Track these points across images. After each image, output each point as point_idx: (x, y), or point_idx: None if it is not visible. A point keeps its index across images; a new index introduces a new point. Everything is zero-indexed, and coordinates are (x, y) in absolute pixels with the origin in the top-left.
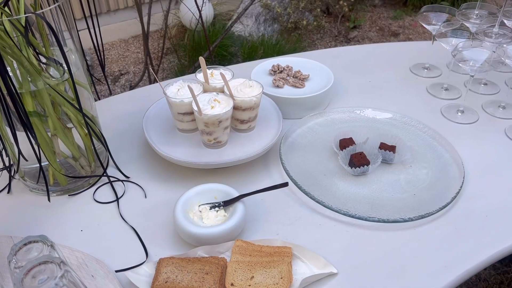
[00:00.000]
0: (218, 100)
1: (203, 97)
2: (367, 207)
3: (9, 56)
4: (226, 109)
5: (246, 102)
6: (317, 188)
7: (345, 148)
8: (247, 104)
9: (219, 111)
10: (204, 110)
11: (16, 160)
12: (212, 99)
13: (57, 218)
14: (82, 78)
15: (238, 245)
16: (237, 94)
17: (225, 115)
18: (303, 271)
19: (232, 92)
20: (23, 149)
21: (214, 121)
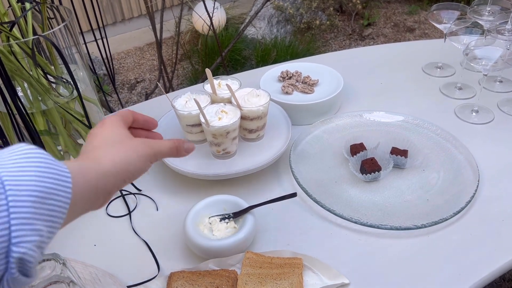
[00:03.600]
0: (225, 111)
1: (210, 109)
2: (379, 214)
3: (19, 77)
4: (233, 120)
5: (253, 111)
6: (328, 196)
7: (356, 154)
8: (255, 114)
9: (226, 122)
10: (211, 122)
11: None
12: (219, 110)
13: (71, 232)
14: (90, 93)
15: (249, 257)
16: (244, 104)
17: (233, 126)
18: (314, 282)
19: (239, 102)
20: None
21: (222, 132)
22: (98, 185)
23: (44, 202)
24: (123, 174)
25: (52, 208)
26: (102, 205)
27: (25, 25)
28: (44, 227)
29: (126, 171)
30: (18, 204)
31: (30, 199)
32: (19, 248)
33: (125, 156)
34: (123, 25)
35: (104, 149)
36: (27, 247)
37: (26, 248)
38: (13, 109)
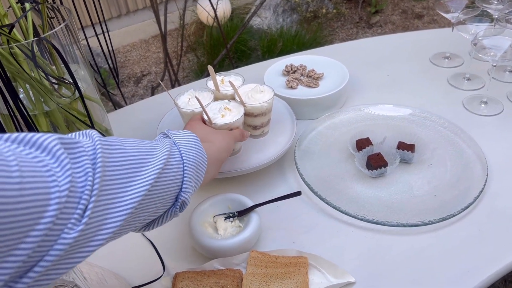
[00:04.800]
0: (228, 108)
1: (214, 106)
2: (385, 211)
3: (20, 79)
4: (237, 117)
5: (257, 108)
6: (333, 193)
7: (362, 149)
8: (259, 110)
9: (230, 119)
10: (214, 120)
11: None
12: (223, 107)
13: None
14: (92, 92)
15: (254, 256)
16: (248, 100)
17: (236, 123)
18: (320, 281)
19: (242, 98)
20: None
21: (225, 129)
22: (218, 157)
23: (196, 170)
24: (227, 148)
25: (199, 174)
26: (216, 173)
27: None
28: (195, 185)
29: (229, 148)
30: (187, 169)
31: (192, 167)
32: (184, 194)
33: (227, 138)
34: (128, 18)
35: (212, 135)
36: (187, 196)
37: (187, 195)
38: (15, 111)
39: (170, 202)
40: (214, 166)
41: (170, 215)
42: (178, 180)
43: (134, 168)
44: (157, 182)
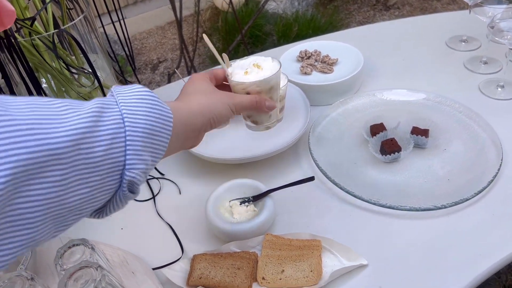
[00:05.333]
0: (259, 65)
1: (248, 60)
2: (398, 195)
3: (42, 70)
4: (261, 78)
5: None
6: (347, 178)
7: (376, 135)
8: None
9: (248, 78)
10: (232, 74)
11: None
12: (252, 63)
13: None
14: (111, 81)
15: (268, 240)
16: None
17: (254, 86)
18: (333, 263)
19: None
20: None
21: (241, 91)
22: (187, 123)
23: (151, 137)
24: (208, 115)
25: (156, 142)
26: (193, 144)
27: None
28: (149, 158)
29: (210, 112)
30: (133, 138)
31: (141, 134)
32: (131, 172)
33: (211, 102)
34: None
35: (193, 95)
36: (136, 173)
37: (135, 173)
38: None
39: (111, 183)
40: (186, 132)
41: (120, 199)
42: (117, 154)
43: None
44: (70, 160)
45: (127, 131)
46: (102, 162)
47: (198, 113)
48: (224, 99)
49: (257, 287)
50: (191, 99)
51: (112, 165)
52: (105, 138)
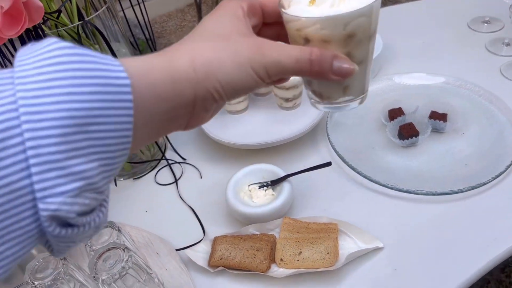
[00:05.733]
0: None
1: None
2: (415, 180)
3: None
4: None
5: (289, 80)
6: (364, 163)
7: (394, 119)
8: (291, 83)
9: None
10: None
11: None
12: None
13: (125, 200)
14: None
15: (286, 223)
16: None
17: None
18: (349, 246)
19: None
20: None
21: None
22: (168, 92)
23: (85, 129)
24: (207, 82)
25: (101, 134)
26: (189, 125)
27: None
28: (89, 164)
29: (213, 78)
30: (40, 143)
31: (58, 132)
32: (47, 204)
33: (214, 57)
34: None
35: (189, 43)
36: (59, 201)
37: (57, 202)
38: None
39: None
40: (165, 108)
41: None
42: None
43: None
44: None
45: (25, 132)
46: None
47: (185, 79)
48: (243, 54)
49: (275, 268)
50: (180, 50)
51: (7, 197)
52: None
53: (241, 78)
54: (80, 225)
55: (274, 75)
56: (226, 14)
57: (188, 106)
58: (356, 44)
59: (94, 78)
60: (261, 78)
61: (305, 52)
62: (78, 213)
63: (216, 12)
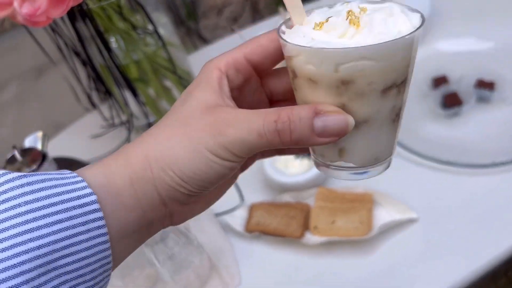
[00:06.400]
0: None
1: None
2: (456, 151)
3: (113, 32)
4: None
5: None
6: (404, 132)
7: (437, 87)
8: None
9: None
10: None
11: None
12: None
13: None
14: (173, 37)
15: (321, 192)
16: None
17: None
18: (383, 216)
19: None
20: (135, 109)
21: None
22: (131, 198)
23: (53, 267)
24: (166, 177)
25: (75, 266)
26: (175, 221)
27: None
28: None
29: (169, 171)
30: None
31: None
32: None
33: (167, 148)
34: None
35: (147, 135)
36: None
37: None
38: (109, 63)
39: None
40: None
41: None
42: None
43: None
44: None
45: None
46: None
47: (146, 175)
48: (199, 135)
49: (309, 235)
50: (139, 144)
51: None
52: None
53: (198, 165)
54: None
55: (245, 153)
56: (200, 82)
57: (158, 207)
58: (355, 96)
59: (54, 206)
60: (227, 159)
61: (269, 121)
62: None
63: (193, 82)
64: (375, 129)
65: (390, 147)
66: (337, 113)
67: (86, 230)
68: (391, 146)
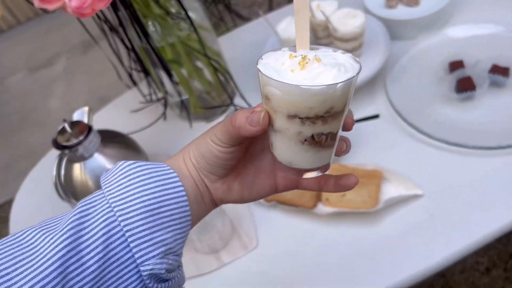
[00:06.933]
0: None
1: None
2: (464, 134)
3: (150, 18)
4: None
5: (348, 34)
6: (417, 115)
7: (453, 72)
8: (350, 36)
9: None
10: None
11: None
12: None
13: None
14: (205, 21)
15: (334, 168)
16: (340, 26)
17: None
18: (390, 191)
19: (334, 24)
20: (169, 88)
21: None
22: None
23: (157, 213)
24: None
25: (170, 213)
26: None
27: None
28: (166, 235)
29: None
30: (131, 227)
31: (140, 217)
32: (146, 266)
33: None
34: None
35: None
36: (153, 262)
37: (152, 263)
38: (146, 45)
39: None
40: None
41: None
42: (120, 253)
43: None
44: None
45: (121, 222)
46: (103, 273)
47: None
48: (206, 134)
49: (320, 206)
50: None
51: (119, 269)
52: (96, 245)
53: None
54: (169, 279)
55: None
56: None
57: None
58: (272, 110)
59: (157, 181)
60: (217, 144)
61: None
62: (167, 270)
63: None
64: (286, 140)
65: (304, 161)
66: (258, 112)
67: (176, 196)
68: (304, 160)
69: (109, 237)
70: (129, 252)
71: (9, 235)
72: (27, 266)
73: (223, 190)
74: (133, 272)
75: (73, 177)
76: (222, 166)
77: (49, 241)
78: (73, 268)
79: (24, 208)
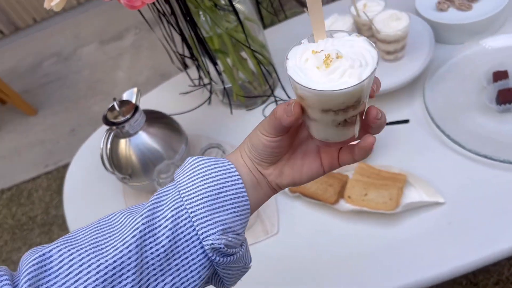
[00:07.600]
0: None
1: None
2: (496, 146)
3: (201, 9)
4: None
5: (391, 36)
6: (452, 123)
7: (496, 82)
8: (392, 38)
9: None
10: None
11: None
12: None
13: (237, 126)
14: (251, 13)
15: (361, 167)
16: (383, 28)
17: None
18: (413, 196)
19: (377, 26)
20: (215, 76)
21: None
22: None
23: (217, 197)
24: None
25: (228, 198)
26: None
27: None
28: (226, 216)
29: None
30: (195, 209)
31: (203, 201)
32: (207, 241)
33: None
34: None
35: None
36: (213, 238)
37: (212, 239)
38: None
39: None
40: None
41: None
42: (186, 231)
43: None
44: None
45: (187, 206)
46: (173, 246)
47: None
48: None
49: (342, 202)
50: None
51: (186, 243)
52: (167, 224)
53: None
54: (231, 255)
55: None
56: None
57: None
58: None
59: (217, 171)
60: (264, 134)
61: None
62: (226, 246)
63: None
64: (321, 126)
65: (338, 137)
66: (291, 104)
67: (234, 183)
68: (339, 136)
69: (177, 218)
70: (194, 230)
71: (104, 216)
72: (113, 239)
73: (275, 175)
74: (198, 247)
75: (118, 151)
76: (271, 154)
77: (130, 221)
78: (148, 242)
79: (76, 173)
